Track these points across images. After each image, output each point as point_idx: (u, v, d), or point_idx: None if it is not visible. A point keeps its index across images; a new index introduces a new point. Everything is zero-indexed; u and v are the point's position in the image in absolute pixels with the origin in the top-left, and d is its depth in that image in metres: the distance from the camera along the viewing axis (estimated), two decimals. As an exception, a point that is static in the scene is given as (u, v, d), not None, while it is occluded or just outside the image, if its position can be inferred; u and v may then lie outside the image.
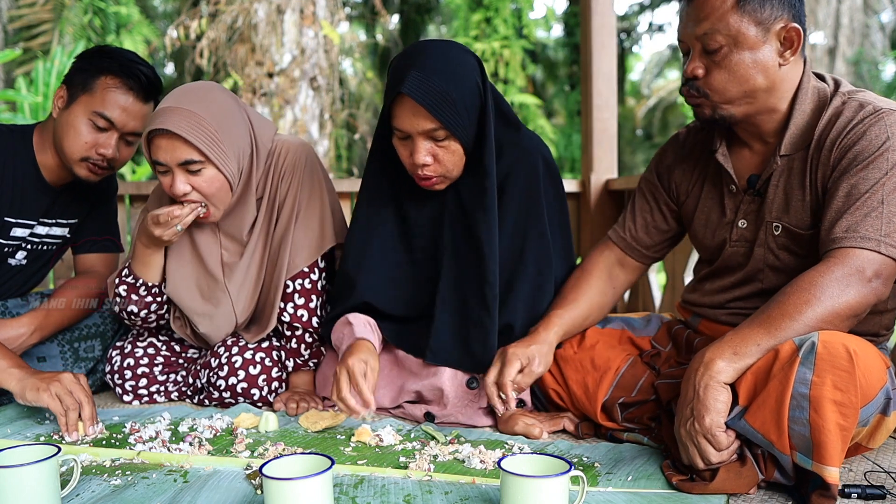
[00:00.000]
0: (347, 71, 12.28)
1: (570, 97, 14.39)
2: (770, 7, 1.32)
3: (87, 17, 9.57)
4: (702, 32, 1.34)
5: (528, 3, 11.26)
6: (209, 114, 1.62)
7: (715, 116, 1.40)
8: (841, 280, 1.22)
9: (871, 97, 1.35)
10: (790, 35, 1.34)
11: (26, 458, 1.14)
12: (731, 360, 1.21)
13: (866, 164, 1.28)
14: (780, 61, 1.35)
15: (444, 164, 1.58)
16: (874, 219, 1.25)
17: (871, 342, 1.40)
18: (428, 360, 1.66)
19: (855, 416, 1.13)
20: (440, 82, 1.50)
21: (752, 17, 1.32)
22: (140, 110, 1.80)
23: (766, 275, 1.46)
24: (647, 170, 1.72)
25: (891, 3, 14.06)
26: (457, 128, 1.53)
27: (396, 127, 1.55)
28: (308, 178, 1.80)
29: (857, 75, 13.89)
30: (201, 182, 1.64)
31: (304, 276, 1.80)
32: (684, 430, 1.23)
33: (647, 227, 1.69)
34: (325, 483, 1.07)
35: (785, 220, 1.41)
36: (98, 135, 1.78)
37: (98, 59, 1.79)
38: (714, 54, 1.35)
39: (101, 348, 2.02)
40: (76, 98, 1.78)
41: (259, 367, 1.82)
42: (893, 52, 13.89)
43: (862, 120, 1.31)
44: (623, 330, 1.73)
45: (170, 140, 1.60)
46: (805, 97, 1.39)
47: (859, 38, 13.97)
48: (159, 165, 1.64)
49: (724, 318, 1.54)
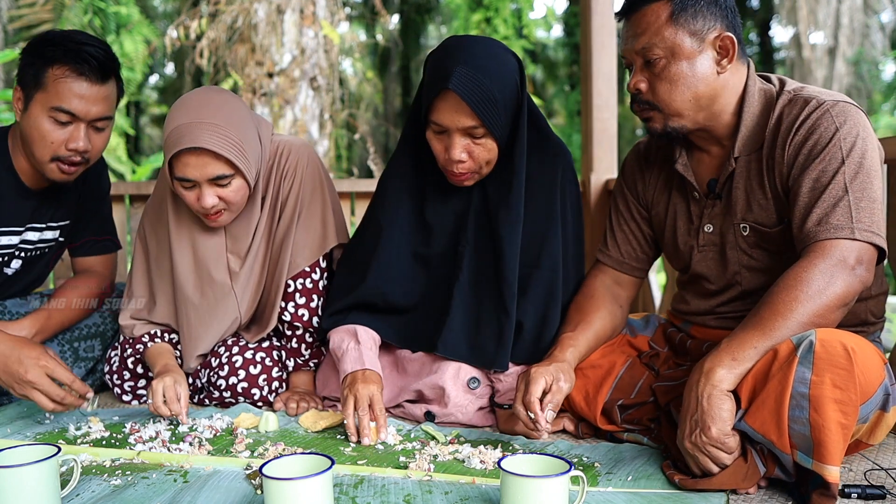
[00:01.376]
0: (347, 71, 12.27)
1: (570, 97, 14.38)
2: (703, 19, 1.38)
3: (87, 17, 9.56)
4: (640, 47, 1.41)
5: (528, 3, 11.25)
6: (231, 125, 1.60)
7: (667, 129, 1.44)
8: (826, 272, 1.24)
9: (815, 91, 1.39)
10: (725, 44, 1.39)
11: (26, 458, 1.14)
12: (731, 367, 1.21)
13: (822, 157, 1.32)
14: (718, 69, 1.41)
15: (477, 161, 1.58)
16: (842, 208, 1.28)
17: (863, 332, 1.43)
18: (439, 353, 1.65)
19: (855, 413, 1.13)
20: (486, 80, 1.50)
21: (686, 29, 1.38)
22: (99, 93, 1.69)
23: (743, 276, 1.48)
24: (616, 184, 1.74)
25: (891, 3, 14.06)
26: (495, 126, 1.53)
27: (435, 121, 1.54)
28: (310, 177, 1.80)
29: (857, 75, 13.88)
30: (228, 193, 1.63)
31: (306, 276, 1.80)
32: (689, 443, 1.22)
33: (627, 239, 1.71)
34: (325, 483, 1.07)
35: (751, 219, 1.44)
36: (63, 130, 1.69)
37: (42, 50, 1.67)
38: (653, 66, 1.40)
39: (100, 348, 2.02)
40: (32, 97, 1.69)
41: (259, 367, 1.82)
42: (893, 52, 13.88)
43: (809, 114, 1.35)
44: (622, 334, 1.72)
45: (199, 157, 1.57)
46: (752, 100, 1.44)
47: (859, 38, 13.95)
48: (185, 182, 1.61)
49: (712, 322, 1.56)
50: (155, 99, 16.41)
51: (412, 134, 1.70)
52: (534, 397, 1.41)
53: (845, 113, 1.33)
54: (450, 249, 1.71)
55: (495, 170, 1.64)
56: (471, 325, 1.66)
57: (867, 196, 1.29)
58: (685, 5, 1.38)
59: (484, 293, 1.66)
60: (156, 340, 1.84)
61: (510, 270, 1.62)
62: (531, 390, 1.42)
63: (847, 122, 1.32)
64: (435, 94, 1.51)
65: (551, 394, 1.43)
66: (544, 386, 1.43)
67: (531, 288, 1.65)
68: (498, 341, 1.62)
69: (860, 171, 1.30)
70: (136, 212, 3.09)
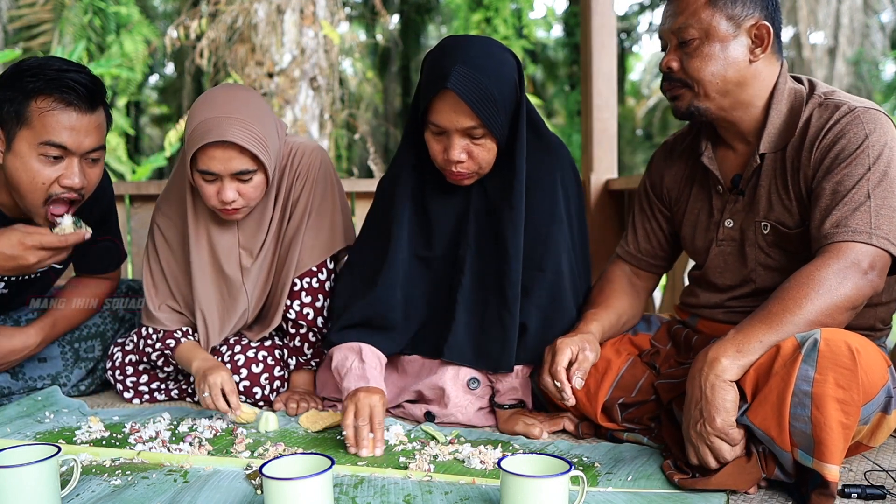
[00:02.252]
0: (347, 71, 12.28)
1: (570, 97, 14.40)
2: (742, 5, 1.39)
3: (87, 17, 9.57)
4: (676, 27, 1.42)
5: (528, 3, 11.27)
6: (255, 120, 1.61)
7: (691, 108, 1.45)
8: (838, 273, 1.24)
9: (846, 97, 1.39)
10: (760, 32, 1.40)
11: (26, 458, 1.14)
12: (735, 358, 1.22)
13: (849, 162, 1.32)
14: (751, 57, 1.41)
15: (477, 161, 1.56)
16: (862, 213, 1.28)
17: (869, 337, 1.42)
18: (445, 358, 1.64)
19: (857, 413, 1.13)
20: (485, 79, 1.48)
21: (724, 13, 1.39)
22: (90, 123, 1.57)
23: (758, 274, 1.48)
24: (641, 180, 1.75)
25: (891, 3, 14.06)
26: (495, 126, 1.52)
27: (434, 122, 1.52)
28: (322, 180, 1.81)
29: (857, 75, 13.88)
30: (249, 188, 1.64)
31: (312, 276, 1.81)
32: (694, 432, 1.23)
33: (648, 236, 1.72)
34: (325, 483, 1.07)
35: (772, 218, 1.44)
36: (54, 167, 1.56)
37: (20, 82, 1.53)
38: (687, 46, 1.42)
39: (101, 348, 2.01)
40: (14, 135, 1.54)
41: (261, 366, 1.82)
42: (893, 52, 13.89)
43: (839, 120, 1.35)
44: (623, 334, 1.72)
45: (225, 150, 1.58)
46: (781, 97, 1.43)
47: (859, 38, 13.95)
48: (207, 175, 1.61)
49: (721, 316, 1.55)
50: (155, 99, 16.42)
51: (411, 133, 1.69)
52: (560, 366, 1.42)
53: (875, 120, 1.33)
54: (450, 252, 1.70)
55: (495, 169, 1.62)
56: (475, 329, 1.65)
57: (888, 204, 1.29)
58: None
59: (488, 296, 1.65)
60: (188, 337, 1.83)
61: (514, 272, 1.61)
62: (557, 360, 1.43)
63: (877, 129, 1.32)
64: (433, 94, 1.50)
65: (577, 363, 1.45)
66: (570, 356, 1.44)
67: (534, 290, 1.64)
68: (503, 344, 1.62)
69: (885, 179, 1.30)
70: (136, 212, 3.09)
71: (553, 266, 1.64)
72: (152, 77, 15.92)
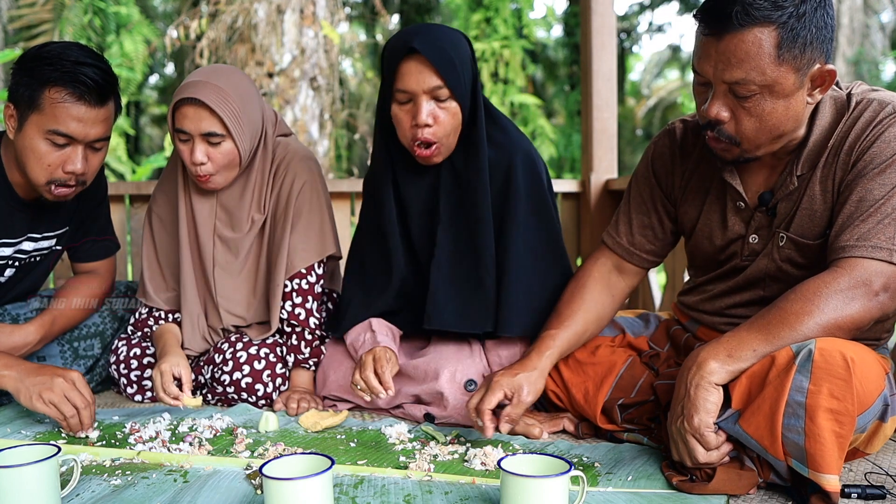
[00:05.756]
0: (347, 71, 12.28)
1: (570, 97, 14.38)
2: (810, 50, 1.20)
3: (87, 17, 9.56)
4: (733, 80, 1.22)
5: (528, 3, 11.26)
6: (234, 91, 1.72)
7: (739, 160, 1.34)
8: (846, 292, 1.19)
9: (888, 96, 1.30)
10: (823, 76, 1.24)
11: (26, 458, 1.14)
12: (725, 363, 1.20)
13: (882, 169, 1.24)
14: (809, 100, 1.27)
15: (443, 127, 1.61)
16: (886, 226, 1.21)
17: (871, 345, 1.39)
18: (427, 326, 1.70)
19: (851, 424, 1.12)
20: (446, 45, 1.58)
21: (791, 66, 1.20)
22: (97, 115, 1.64)
23: (767, 283, 1.44)
24: (642, 167, 1.62)
25: (891, 3, 14.05)
26: (457, 86, 1.58)
27: (401, 88, 1.58)
28: (310, 187, 1.87)
29: (857, 75, 13.88)
30: (217, 154, 1.73)
31: (302, 277, 1.85)
32: (674, 428, 1.23)
33: (643, 229, 1.61)
34: (325, 483, 1.07)
35: (793, 230, 1.37)
36: (59, 152, 1.63)
37: (38, 69, 1.59)
38: (744, 100, 1.24)
39: (100, 347, 2.02)
40: (26, 117, 1.62)
41: (263, 363, 1.84)
42: (893, 52, 13.89)
43: (881, 120, 1.27)
44: (622, 335, 1.72)
45: (196, 110, 1.69)
46: (825, 112, 1.33)
47: (859, 38, 13.95)
48: (181, 134, 1.72)
49: (722, 326, 1.52)
50: (155, 99, 16.41)
51: (381, 129, 1.74)
52: (486, 406, 1.40)
53: None
54: (425, 229, 1.76)
55: (460, 145, 1.68)
56: (454, 292, 1.71)
57: None
58: (795, 35, 1.18)
59: (464, 260, 1.71)
60: (160, 323, 1.95)
61: (486, 233, 1.67)
62: (486, 399, 1.41)
63: None
64: (399, 61, 1.57)
65: (511, 406, 1.42)
66: (502, 396, 1.42)
67: None
68: (484, 302, 1.68)
69: None
70: (137, 212, 3.08)
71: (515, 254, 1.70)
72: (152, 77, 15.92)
